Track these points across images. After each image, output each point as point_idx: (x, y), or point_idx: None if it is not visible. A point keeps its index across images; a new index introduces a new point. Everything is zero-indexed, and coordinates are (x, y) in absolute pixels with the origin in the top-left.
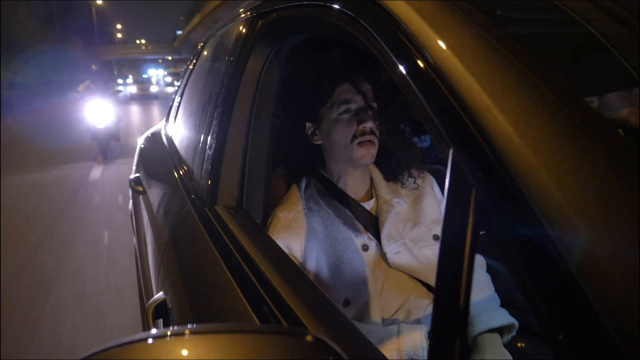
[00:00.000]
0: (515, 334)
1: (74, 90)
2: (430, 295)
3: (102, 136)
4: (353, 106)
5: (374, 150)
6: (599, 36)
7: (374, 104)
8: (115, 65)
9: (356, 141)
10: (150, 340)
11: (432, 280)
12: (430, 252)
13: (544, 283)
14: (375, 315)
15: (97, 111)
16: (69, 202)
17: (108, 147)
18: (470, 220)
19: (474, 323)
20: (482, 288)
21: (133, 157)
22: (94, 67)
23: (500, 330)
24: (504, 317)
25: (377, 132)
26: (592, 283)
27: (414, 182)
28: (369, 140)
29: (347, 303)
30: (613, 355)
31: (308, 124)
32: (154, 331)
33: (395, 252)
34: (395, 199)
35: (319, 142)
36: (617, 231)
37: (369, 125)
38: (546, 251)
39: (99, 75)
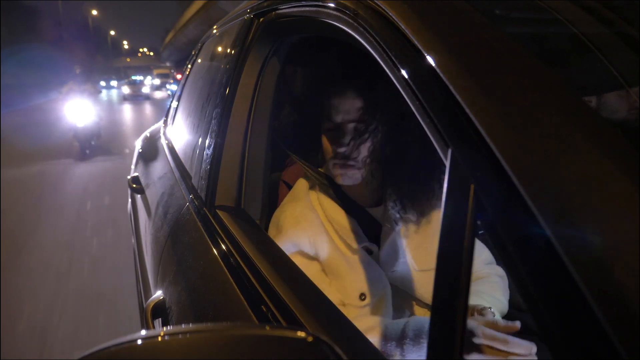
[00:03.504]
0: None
1: (56, 92)
2: (427, 311)
3: (82, 135)
4: (334, 125)
5: (350, 173)
6: (598, 37)
7: (360, 125)
8: (122, 69)
9: (332, 161)
10: (140, 341)
11: (429, 299)
12: (430, 274)
13: (543, 283)
14: (389, 311)
15: (77, 110)
16: (47, 193)
17: (89, 145)
18: (469, 220)
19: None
20: (494, 288)
21: (113, 155)
22: (77, 70)
23: None
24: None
25: (359, 155)
26: (591, 283)
27: (430, 204)
28: (343, 164)
29: (363, 297)
30: (612, 355)
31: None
32: (153, 331)
33: (392, 271)
34: (402, 214)
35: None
36: (617, 231)
37: (342, 149)
38: (545, 251)
39: (82, 78)
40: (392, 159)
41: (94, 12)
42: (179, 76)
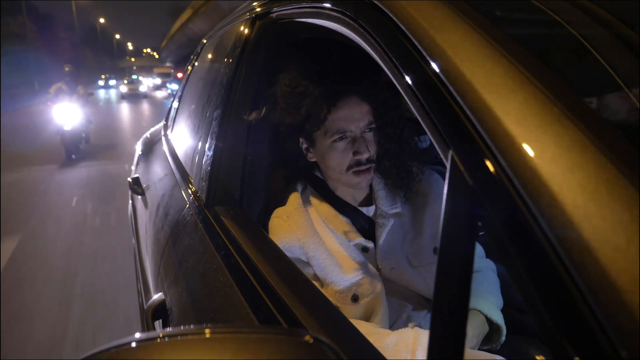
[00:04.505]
0: (502, 340)
1: (46, 93)
2: (429, 305)
3: (68, 139)
4: (348, 134)
5: (370, 176)
6: (599, 39)
7: (372, 126)
8: (127, 69)
9: (351, 170)
10: (140, 343)
11: (430, 293)
12: (429, 267)
13: (543, 284)
14: (384, 311)
15: (64, 113)
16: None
17: (77, 149)
18: (470, 221)
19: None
20: (489, 284)
21: (101, 160)
22: (67, 68)
23: (491, 333)
24: (494, 313)
25: (374, 156)
26: (591, 284)
27: (417, 189)
28: (365, 169)
29: (355, 299)
30: (611, 356)
31: (302, 140)
32: (153, 333)
33: (391, 268)
34: (394, 211)
35: (314, 159)
36: (617, 232)
37: (365, 156)
38: (545, 252)
39: (72, 78)
40: (384, 147)
41: (102, 20)
42: (179, 75)
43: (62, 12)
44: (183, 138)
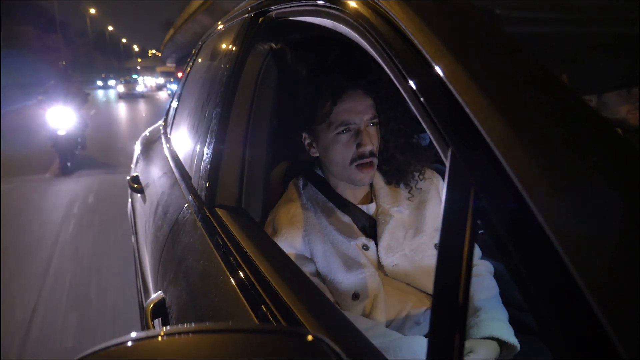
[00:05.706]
0: (512, 357)
1: (37, 94)
2: (429, 302)
3: (62, 144)
4: (352, 127)
5: (373, 172)
6: (599, 38)
7: (376, 120)
8: (133, 69)
9: (355, 164)
10: (139, 341)
11: (431, 289)
12: (431, 262)
13: (543, 282)
14: (383, 308)
15: (57, 116)
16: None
17: (72, 156)
18: (469, 219)
19: (479, 327)
20: (491, 296)
21: (100, 168)
22: (62, 63)
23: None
24: (510, 335)
25: (377, 150)
26: (590, 283)
27: (417, 187)
28: (369, 163)
29: (356, 296)
30: (611, 355)
31: (305, 135)
32: (153, 331)
33: (393, 264)
34: (395, 208)
35: (316, 154)
36: (616, 231)
37: (368, 148)
38: (544, 251)
39: (65, 75)
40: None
41: (110, 28)
42: (179, 74)
43: (74, 19)
44: (182, 137)
